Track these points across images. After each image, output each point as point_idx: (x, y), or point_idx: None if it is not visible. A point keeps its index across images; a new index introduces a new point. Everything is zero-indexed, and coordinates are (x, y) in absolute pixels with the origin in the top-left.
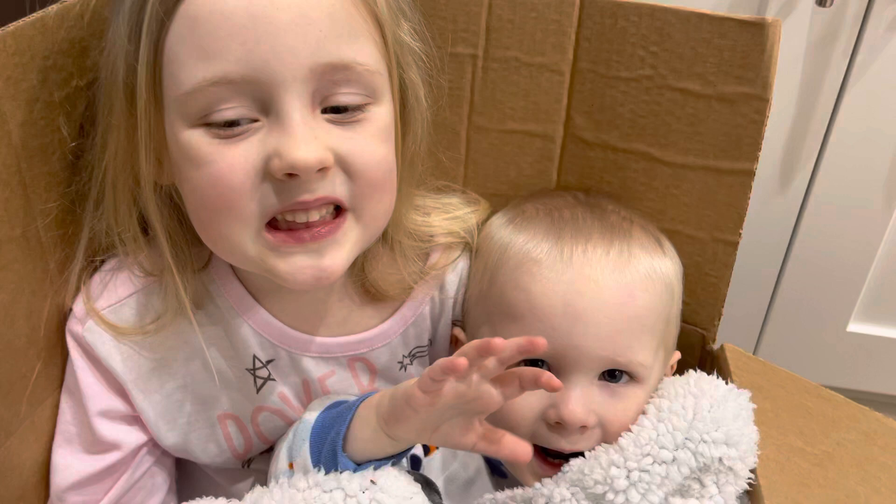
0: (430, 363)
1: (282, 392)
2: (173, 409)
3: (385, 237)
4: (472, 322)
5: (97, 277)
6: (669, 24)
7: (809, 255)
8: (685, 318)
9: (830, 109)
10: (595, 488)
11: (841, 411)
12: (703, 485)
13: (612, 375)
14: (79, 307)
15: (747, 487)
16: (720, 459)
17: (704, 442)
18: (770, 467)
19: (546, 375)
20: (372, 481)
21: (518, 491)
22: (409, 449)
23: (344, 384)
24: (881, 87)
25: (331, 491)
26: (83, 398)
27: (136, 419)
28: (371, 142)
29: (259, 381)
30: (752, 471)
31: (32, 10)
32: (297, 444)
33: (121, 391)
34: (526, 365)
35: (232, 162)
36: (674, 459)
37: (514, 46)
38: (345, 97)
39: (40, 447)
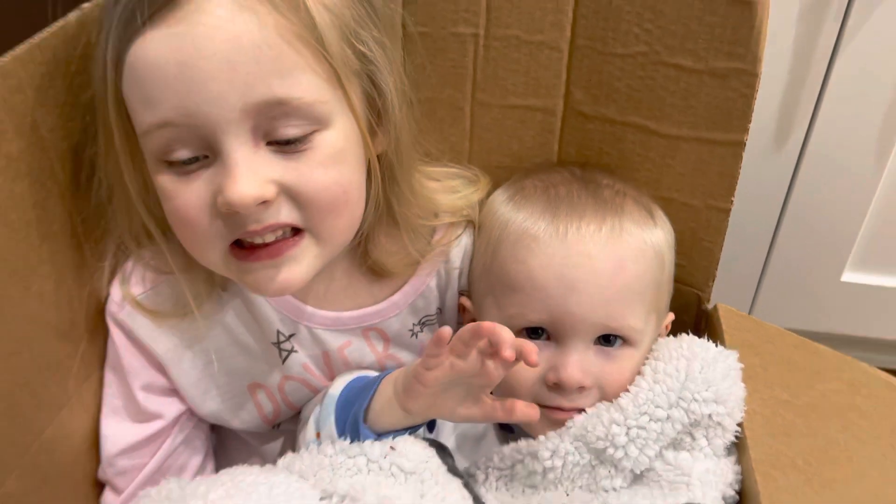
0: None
1: (305, 363)
2: (207, 382)
3: (392, 217)
4: (477, 292)
5: (129, 265)
6: (662, 1)
7: (805, 210)
8: (682, 280)
9: (823, 71)
10: (597, 443)
11: (827, 363)
12: (694, 438)
13: (607, 340)
14: (116, 293)
15: (734, 439)
16: (710, 416)
17: (696, 401)
18: (756, 420)
19: (528, 351)
20: (391, 448)
21: (523, 443)
22: (423, 423)
23: (361, 352)
24: (871, 50)
25: (355, 457)
26: (126, 374)
27: (174, 391)
28: (317, 169)
29: (284, 354)
30: (739, 424)
31: (55, 17)
32: (324, 416)
33: (159, 367)
34: (527, 333)
35: (186, 200)
36: (668, 417)
37: (514, 25)
38: (286, 130)
39: (88, 418)
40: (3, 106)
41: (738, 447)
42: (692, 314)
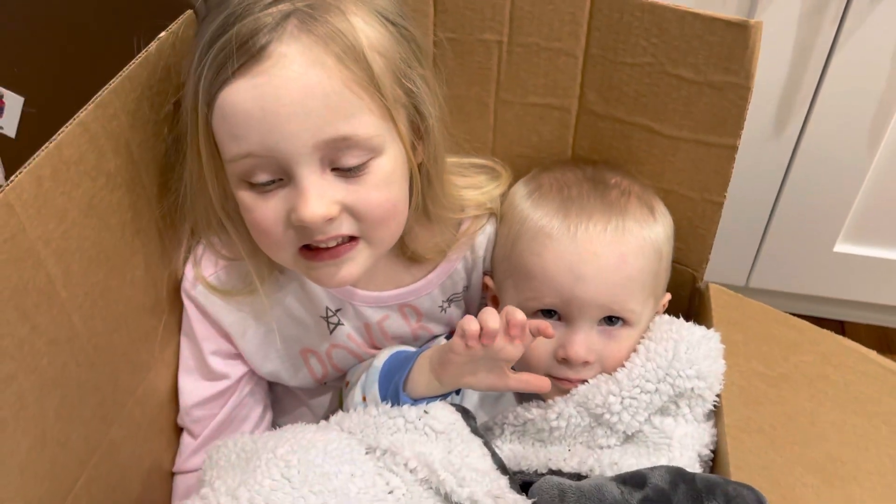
0: (465, 305)
1: (349, 333)
2: (266, 348)
3: (426, 213)
4: (498, 275)
5: (200, 250)
6: (667, 20)
7: (801, 187)
8: (679, 260)
9: (820, 69)
10: (596, 409)
11: (804, 336)
12: (678, 406)
13: (609, 320)
14: (189, 273)
15: (712, 408)
16: (692, 389)
17: (680, 377)
18: (732, 391)
19: (544, 327)
20: (425, 411)
21: (534, 405)
22: (452, 391)
23: (397, 324)
24: (866, 51)
25: (395, 418)
26: (198, 341)
27: (239, 355)
28: (373, 191)
29: (331, 326)
30: (718, 395)
31: (139, 48)
32: (369, 383)
33: (226, 336)
34: (541, 314)
35: (265, 213)
36: (656, 390)
37: (535, 34)
38: (348, 159)
39: (170, 376)
40: (103, 132)
41: (715, 414)
42: (687, 290)
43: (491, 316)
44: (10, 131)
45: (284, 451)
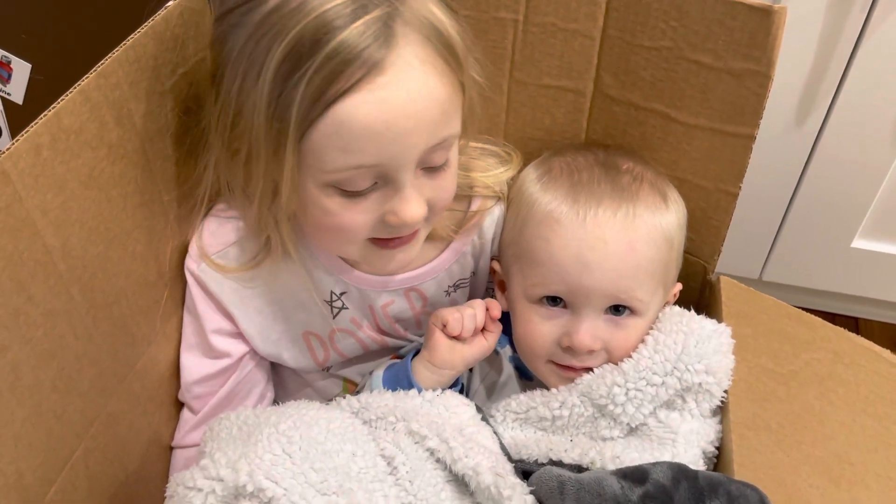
0: (471, 291)
1: (353, 317)
2: (267, 328)
3: None
4: (505, 259)
5: (206, 228)
6: (688, 3)
7: (821, 181)
8: (691, 251)
9: (846, 59)
10: (600, 400)
11: (816, 333)
12: (685, 400)
13: (616, 309)
14: (193, 251)
15: (720, 403)
16: (700, 384)
17: (688, 371)
18: (740, 386)
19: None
20: (442, 391)
21: (538, 394)
22: (458, 382)
23: (401, 309)
24: (895, 41)
25: (413, 398)
26: (201, 319)
27: (240, 334)
28: (449, 183)
29: (335, 310)
30: (726, 391)
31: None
32: (374, 384)
33: (228, 314)
34: (547, 301)
35: (354, 217)
36: (663, 383)
37: (551, 13)
38: (438, 158)
39: (171, 351)
40: (104, 102)
41: (721, 410)
42: (698, 282)
43: (468, 318)
44: (18, 98)
45: (287, 427)
